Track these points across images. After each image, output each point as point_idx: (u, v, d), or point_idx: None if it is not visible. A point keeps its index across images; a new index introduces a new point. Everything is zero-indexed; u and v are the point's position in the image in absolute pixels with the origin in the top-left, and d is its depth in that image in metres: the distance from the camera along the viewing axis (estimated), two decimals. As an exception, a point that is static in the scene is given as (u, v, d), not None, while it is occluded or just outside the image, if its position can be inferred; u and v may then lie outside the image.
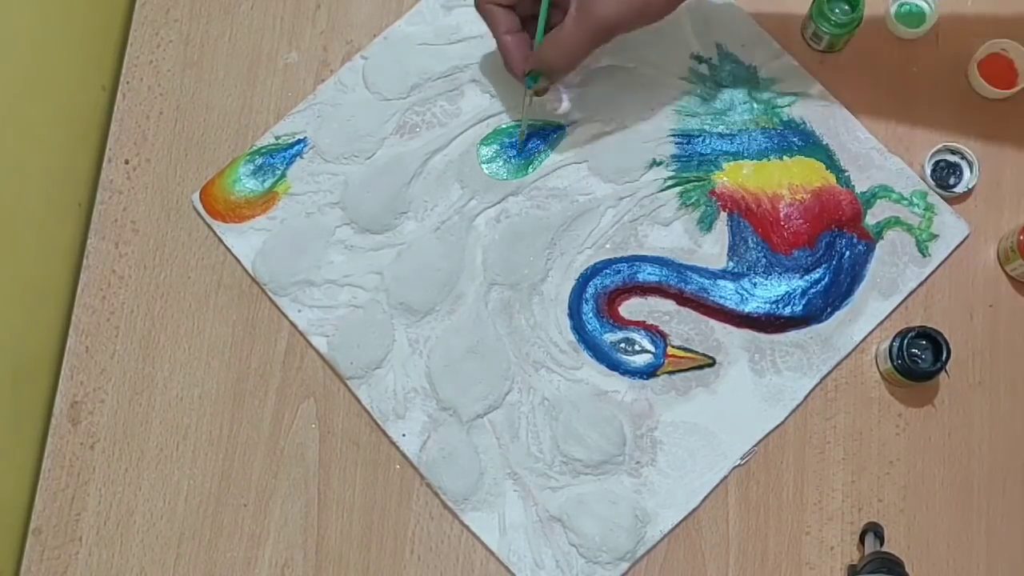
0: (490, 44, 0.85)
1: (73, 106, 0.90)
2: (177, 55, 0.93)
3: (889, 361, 0.81)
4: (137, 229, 0.89)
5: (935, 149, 0.88)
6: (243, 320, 0.87)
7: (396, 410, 0.83)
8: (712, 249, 0.87)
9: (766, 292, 0.85)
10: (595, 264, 0.86)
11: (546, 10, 0.80)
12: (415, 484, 0.83)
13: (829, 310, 0.85)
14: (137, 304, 0.87)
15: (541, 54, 0.80)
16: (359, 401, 0.84)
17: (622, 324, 0.85)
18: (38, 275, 0.86)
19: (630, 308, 0.86)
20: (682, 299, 0.85)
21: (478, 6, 0.83)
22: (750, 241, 0.87)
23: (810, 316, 0.85)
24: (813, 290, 0.85)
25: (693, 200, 0.88)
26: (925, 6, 0.92)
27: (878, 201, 0.88)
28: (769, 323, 0.85)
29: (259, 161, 0.90)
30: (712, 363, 0.84)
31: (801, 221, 0.87)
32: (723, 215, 0.87)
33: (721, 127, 0.90)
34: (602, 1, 0.76)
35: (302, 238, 0.87)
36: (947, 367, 0.80)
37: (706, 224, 0.87)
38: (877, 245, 0.87)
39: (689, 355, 0.84)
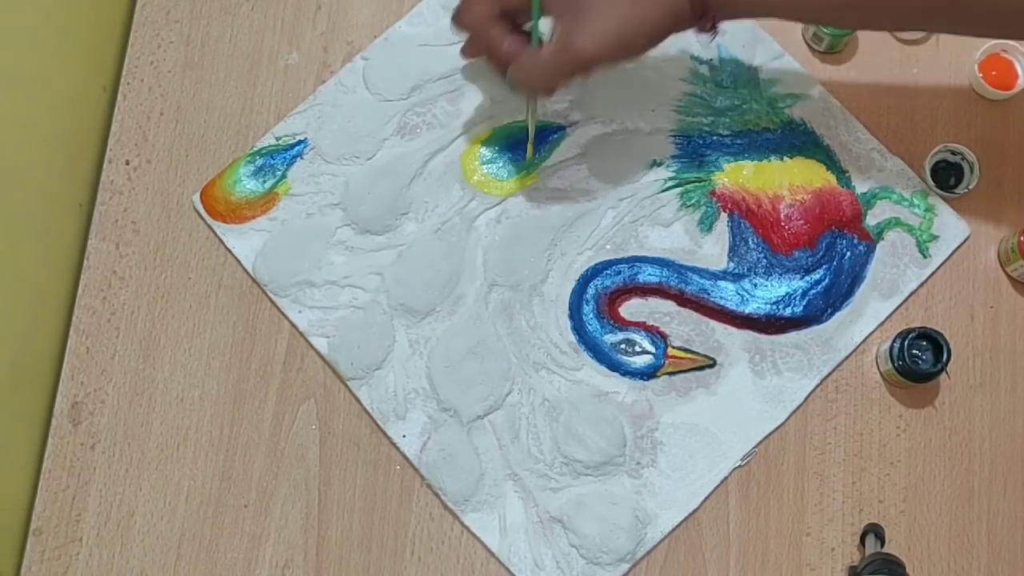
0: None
1: (73, 106, 0.90)
2: (178, 56, 0.93)
3: (890, 362, 0.81)
4: (138, 230, 0.89)
5: (935, 150, 0.88)
6: (243, 321, 0.87)
7: (396, 411, 0.83)
8: (712, 250, 0.87)
9: (766, 293, 0.85)
10: (595, 265, 0.86)
11: (537, 26, 0.77)
12: (415, 485, 0.83)
13: (829, 311, 0.85)
14: (138, 305, 0.87)
15: (515, 75, 0.76)
16: (359, 402, 0.84)
17: (622, 325, 0.85)
18: (39, 275, 0.86)
19: (630, 309, 0.86)
20: (682, 300, 0.85)
21: (470, 24, 0.79)
22: (751, 242, 0.87)
23: (810, 317, 0.85)
24: (814, 291, 0.85)
25: (693, 201, 0.88)
26: (926, 7, 0.92)
27: (878, 202, 0.88)
28: (769, 324, 0.85)
29: (260, 162, 0.90)
30: (712, 364, 0.84)
31: (802, 222, 0.87)
32: (724, 216, 0.87)
33: (722, 128, 0.90)
34: (584, 35, 0.72)
35: (302, 239, 0.87)
36: (948, 368, 0.80)
37: (706, 225, 0.87)
38: (878, 246, 0.87)
39: (689, 356, 0.84)
